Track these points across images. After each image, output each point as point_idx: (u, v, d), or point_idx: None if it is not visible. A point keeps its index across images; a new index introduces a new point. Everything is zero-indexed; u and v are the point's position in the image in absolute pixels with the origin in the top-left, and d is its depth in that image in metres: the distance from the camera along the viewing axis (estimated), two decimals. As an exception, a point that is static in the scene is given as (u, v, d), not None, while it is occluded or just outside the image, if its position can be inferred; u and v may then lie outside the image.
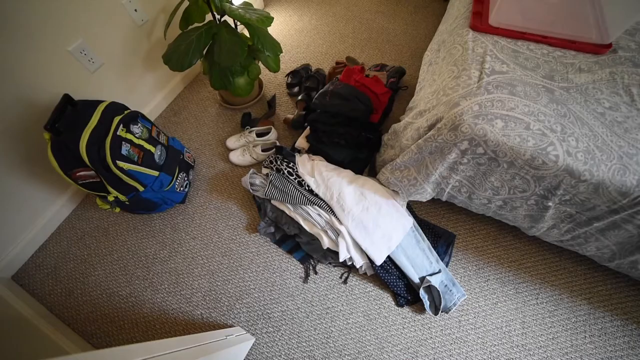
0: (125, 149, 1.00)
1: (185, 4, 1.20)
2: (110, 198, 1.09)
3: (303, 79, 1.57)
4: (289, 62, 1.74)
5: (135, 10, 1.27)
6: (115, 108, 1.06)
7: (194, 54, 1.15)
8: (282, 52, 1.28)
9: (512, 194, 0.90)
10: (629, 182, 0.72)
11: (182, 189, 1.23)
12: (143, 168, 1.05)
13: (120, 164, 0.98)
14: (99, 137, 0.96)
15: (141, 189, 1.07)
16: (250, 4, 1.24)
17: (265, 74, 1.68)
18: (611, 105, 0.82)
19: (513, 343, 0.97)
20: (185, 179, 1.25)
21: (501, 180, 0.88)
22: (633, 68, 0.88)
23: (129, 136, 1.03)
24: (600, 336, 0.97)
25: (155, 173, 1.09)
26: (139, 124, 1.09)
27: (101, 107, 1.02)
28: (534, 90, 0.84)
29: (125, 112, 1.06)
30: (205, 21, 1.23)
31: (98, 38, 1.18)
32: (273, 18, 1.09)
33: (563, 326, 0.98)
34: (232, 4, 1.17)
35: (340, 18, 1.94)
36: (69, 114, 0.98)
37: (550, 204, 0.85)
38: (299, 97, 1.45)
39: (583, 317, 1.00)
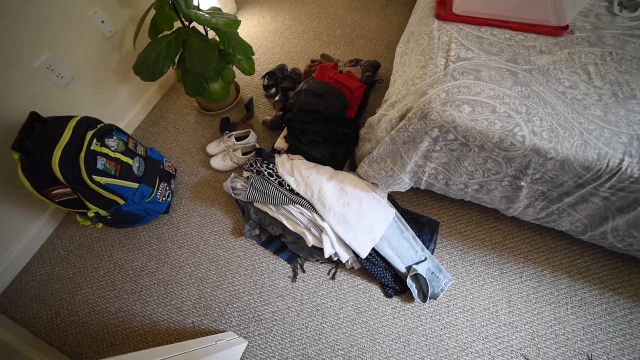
0: (101, 163, 0.99)
1: (153, 12, 1.19)
2: (91, 214, 1.07)
3: (279, 79, 1.57)
4: (264, 63, 1.74)
5: (102, 21, 1.25)
6: (87, 123, 1.04)
7: (164, 62, 1.14)
8: (254, 54, 1.28)
9: (487, 177, 0.92)
10: (590, 157, 0.74)
11: (164, 199, 1.22)
12: (121, 181, 1.03)
13: (97, 178, 0.97)
14: (72, 153, 0.95)
15: (122, 202, 1.06)
16: (219, 9, 1.24)
17: (241, 77, 1.67)
18: (571, 84, 0.84)
19: (501, 322, 0.99)
20: (167, 188, 1.24)
21: (474, 165, 0.90)
22: (589, 47, 0.91)
23: (104, 150, 1.02)
24: (580, 306, 1.00)
25: (135, 185, 1.08)
26: (114, 137, 1.08)
27: (72, 123, 1.00)
28: (499, 74, 0.86)
29: (99, 126, 1.05)
30: (174, 28, 1.22)
31: (66, 52, 1.16)
32: (240, 21, 1.09)
33: (546, 301, 1.02)
34: (199, 9, 1.16)
35: (313, 16, 1.94)
36: (39, 131, 0.96)
37: (522, 183, 0.88)
38: (276, 98, 1.46)
39: (564, 290, 1.03)
